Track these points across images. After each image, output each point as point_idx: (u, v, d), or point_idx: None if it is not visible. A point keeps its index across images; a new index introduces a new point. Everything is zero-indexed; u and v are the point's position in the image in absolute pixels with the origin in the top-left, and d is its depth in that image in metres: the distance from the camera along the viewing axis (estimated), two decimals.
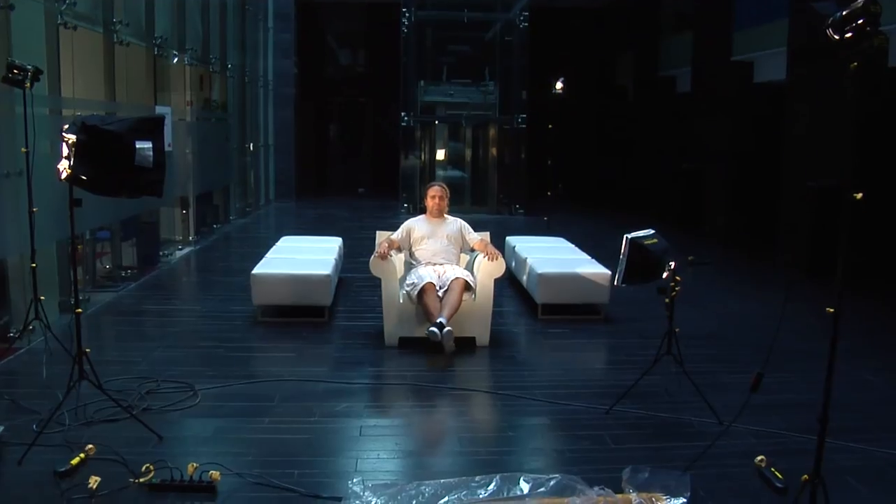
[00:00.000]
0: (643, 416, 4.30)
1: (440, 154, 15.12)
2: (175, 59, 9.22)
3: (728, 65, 11.32)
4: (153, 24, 8.34)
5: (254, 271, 6.28)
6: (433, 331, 5.24)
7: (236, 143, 12.65)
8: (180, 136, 9.28)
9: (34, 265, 4.69)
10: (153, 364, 5.05)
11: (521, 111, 14.14)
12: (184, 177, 9.50)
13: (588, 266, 6.75)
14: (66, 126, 3.73)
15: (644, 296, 5.63)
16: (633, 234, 4.33)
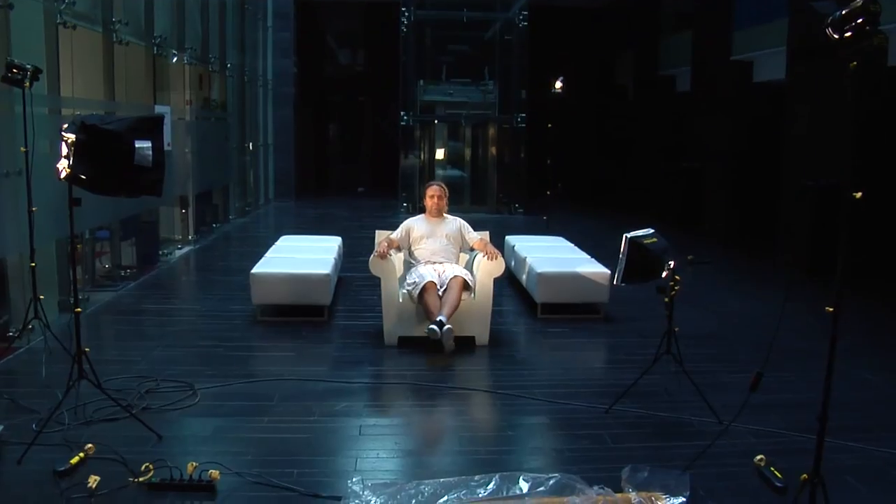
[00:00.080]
0: (643, 416, 4.30)
1: (440, 153, 15.13)
2: (174, 59, 9.21)
3: (728, 64, 11.31)
4: (152, 23, 8.33)
5: (253, 270, 6.28)
6: (433, 329, 5.24)
7: (236, 143, 12.65)
8: (180, 136, 9.28)
9: (33, 264, 4.70)
10: (152, 363, 5.05)
11: (520, 110, 14.14)
12: (183, 176, 9.50)
13: (587, 265, 6.76)
14: (65, 125, 3.73)
15: (643, 295, 5.62)
16: (633, 234, 4.33)
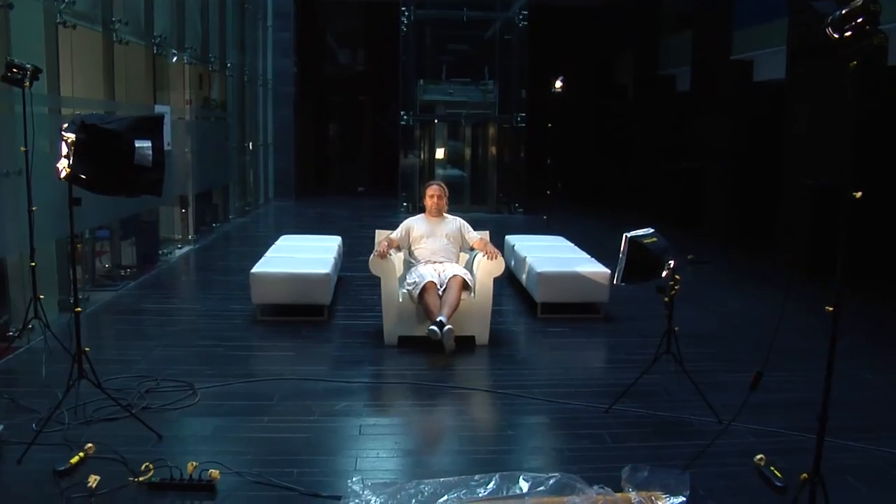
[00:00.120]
0: (642, 415, 4.31)
1: (439, 153, 15.12)
2: (174, 58, 9.21)
3: (728, 64, 11.31)
4: (152, 22, 8.33)
5: (253, 270, 6.28)
6: (433, 329, 5.24)
7: (236, 142, 12.65)
8: (179, 135, 9.28)
9: (33, 264, 4.70)
10: (152, 363, 5.05)
11: (520, 110, 14.14)
12: (183, 176, 9.50)
13: (587, 265, 6.76)
14: (65, 125, 3.72)
15: (643, 295, 5.62)
16: (633, 233, 4.33)
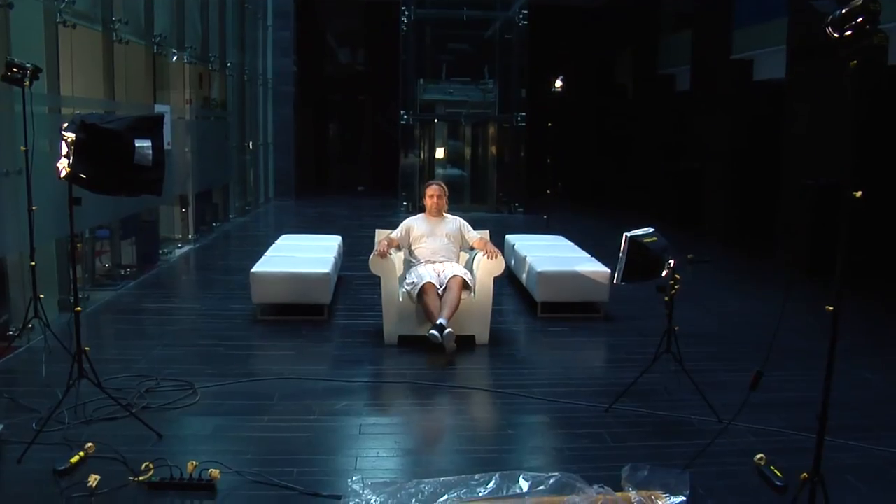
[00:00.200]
0: (642, 415, 4.31)
1: (439, 152, 15.12)
2: (174, 58, 9.21)
3: (727, 63, 11.31)
4: (152, 22, 8.33)
5: (253, 269, 6.28)
6: (434, 333, 5.24)
7: (236, 142, 12.65)
8: (179, 135, 9.28)
9: (33, 263, 4.70)
10: (152, 362, 5.05)
11: (520, 109, 14.13)
12: (183, 175, 9.49)
13: (587, 264, 6.76)
14: (65, 124, 3.72)
15: (643, 294, 5.62)
16: (633, 233, 4.33)
